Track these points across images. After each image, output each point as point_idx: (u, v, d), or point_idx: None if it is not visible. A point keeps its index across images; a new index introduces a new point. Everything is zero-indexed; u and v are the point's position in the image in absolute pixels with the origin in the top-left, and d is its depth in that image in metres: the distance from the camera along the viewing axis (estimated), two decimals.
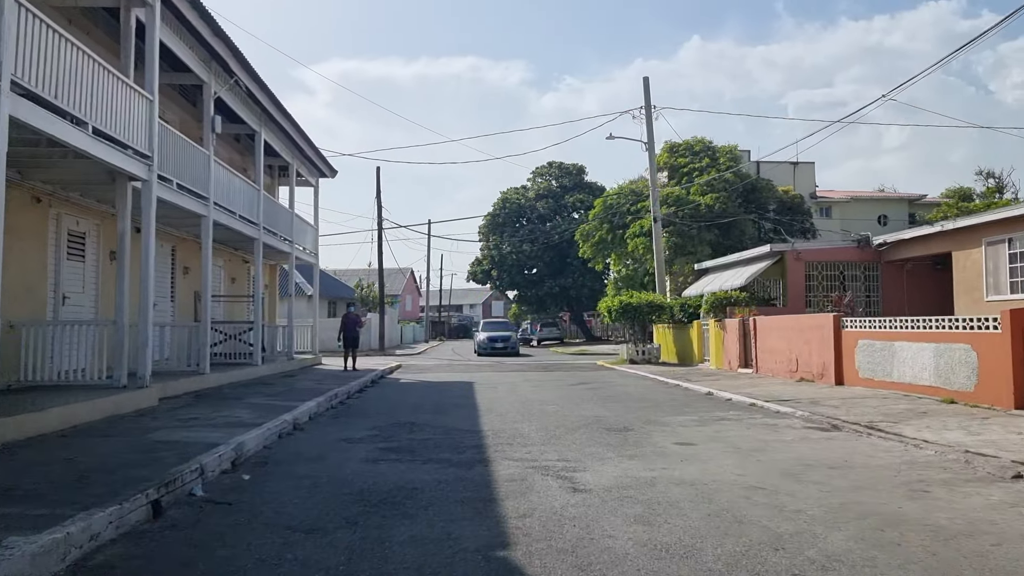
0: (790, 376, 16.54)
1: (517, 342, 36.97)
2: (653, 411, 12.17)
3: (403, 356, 35.59)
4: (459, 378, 20.82)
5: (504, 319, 45.44)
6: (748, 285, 21.86)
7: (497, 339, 35.75)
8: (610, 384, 17.91)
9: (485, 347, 35.50)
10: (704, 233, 34.18)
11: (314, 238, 25.42)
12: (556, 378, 20.10)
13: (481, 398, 14.80)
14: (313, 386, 15.66)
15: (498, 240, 53.11)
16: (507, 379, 20.02)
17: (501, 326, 39.36)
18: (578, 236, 40.68)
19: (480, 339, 36.55)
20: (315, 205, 25.89)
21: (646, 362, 25.42)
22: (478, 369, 24.93)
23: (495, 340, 35.63)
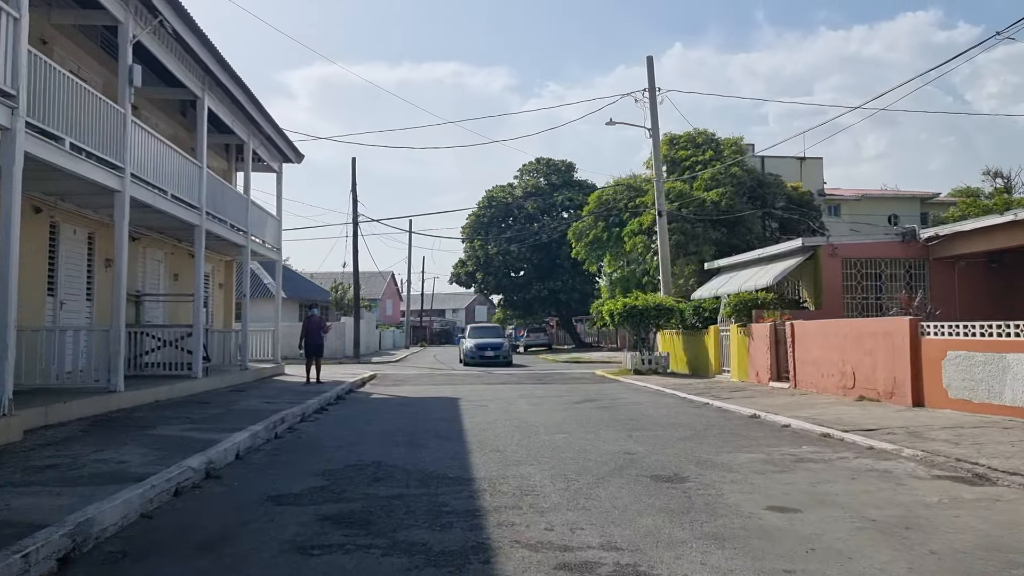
0: (843, 393, 13.66)
1: (510, 351, 32.60)
2: (697, 444, 9.21)
3: (380, 364, 32.46)
4: (442, 392, 17.79)
5: (494, 325, 39.58)
6: (774, 285, 19.01)
7: (487, 347, 31.32)
8: (623, 401, 14.95)
9: (473, 356, 31.04)
10: (709, 231, 31.40)
11: (276, 230, 22.31)
12: (556, 393, 17.13)
13: (470, 422, 11.79)
14: (259, 406, 12.56)
15: (483, 240, 50.12)
16: (499, 393, 17.03)
17: (491, 332, 34.46)
18: (570, 235, 37.79)
19: (468, 347, 31.90)
20: (278, 194, 22.81)
21: (652, 372, 22.52)
22: (464, 381, 21.89)
23: (484, 348, 31.24)
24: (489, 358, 30.70)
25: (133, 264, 16.09)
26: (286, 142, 21.72)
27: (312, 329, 18.40)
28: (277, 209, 22.72)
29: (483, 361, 30.54)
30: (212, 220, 15.95)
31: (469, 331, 34.45)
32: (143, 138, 12.60)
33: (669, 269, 26.59)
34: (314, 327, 18.43)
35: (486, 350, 31.02)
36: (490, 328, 36.08)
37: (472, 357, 31.01)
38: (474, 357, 30.94)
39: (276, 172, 22.60)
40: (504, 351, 31.43)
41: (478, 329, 35.11)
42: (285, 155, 22.25)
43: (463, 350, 32.36)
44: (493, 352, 31.01)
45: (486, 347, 31.20)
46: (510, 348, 32.99)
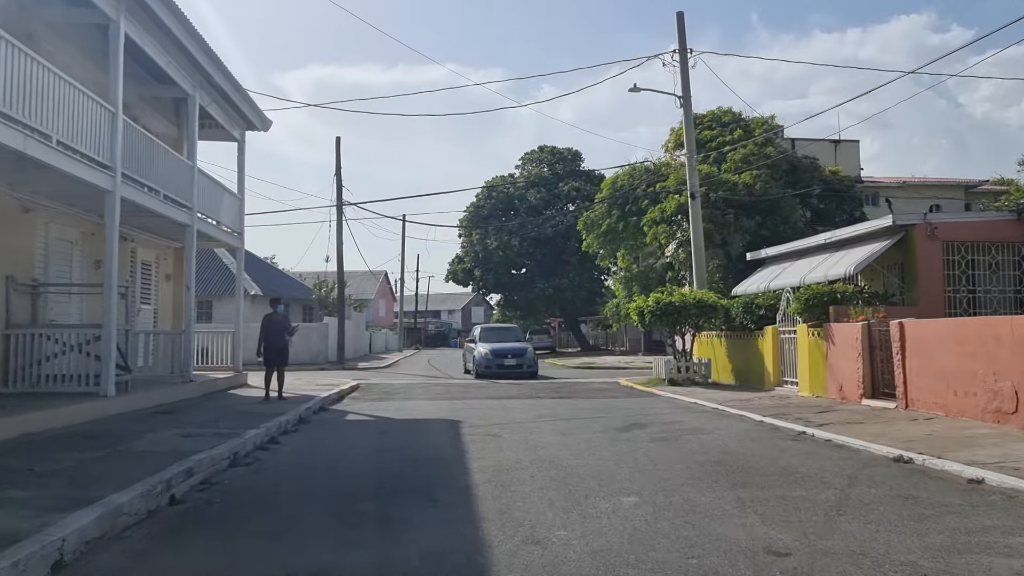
0: (997, 419, 9.82)
1: (535, 358, 25.01)
2: (875, 529, 5.36)
3: (366, 371, 28.55)
4: (437, 410, 13.92)
5: (510, 325, 31.54)
6: (853, 276, 15.20)
7: (507, 353, 24.04)
8: (681, 427, 11.10)
9: (488, 366, 23.67)
10: (742, 219, 27.57)
11: (237, 211, 18.40)
12: (586, 412, 13.27)
13: (478, 465, 7.94)
14: (171, 443, 8.66)
15: (482, 234, 46.22)
16: (511, 412, 13.18)
17: (509, 334, 27.01)
18: (581, 225, 33.93)
19: (481, 354, 24.13)
20: (239, 167, 18.87)
21: (690, 382, 18.71)
22: (464, 393, 18.00)
23: (503, 355, 23.94)
24: (510, 368, 23.59)
25: (25, 242, 12.20)
26: (248, 103, 17.83)
27: (273, 330, 14.50)
28: (239, 186, 18.81)
29: (502, 372, 23.50)
30: (133, 186, 12.05)
31: (481, 333, 26.55)
32: (16, 59, 8.73)
33: (703, 260, 22.75)
34: (276, 328, 14.53)
35: (506, 357, 23.85)
36: (507, 330, 28.42)
37: (487, 367, 23.65)
38: (489, 367, 23.60)
39: (237, 141, 18.69)
40: (528, 358, 24.24)
41: (492, 331, 27.55)
42: (248, 120, 18.36)
43: (474, 358, 24.41)
44: (515, 360, 23.82)
45: (506, 353, 24.00)
46: (535, 355, 25.33)
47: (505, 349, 24.18)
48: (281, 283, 39.18)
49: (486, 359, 23.81)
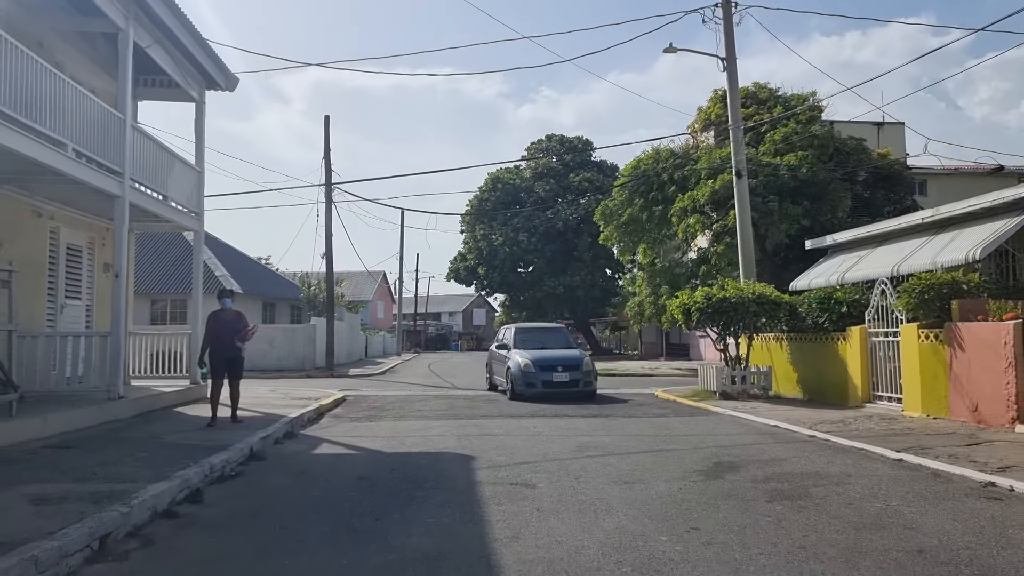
0: None
1: (593, 371, 17.07)
2: None
3: (358, 378, 25.14)
4: (440, 438, 10.51)
5: (554, 325, 22.72)
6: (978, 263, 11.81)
7: (555, 364, 16.49)
8: (796, 473, 7.68)
9: (531, 382, 16.27)
10: (786, 206, 24.14)
11: (193, 186, 15.01)
12: (641, 441, 9.87)
13: (512, 559, 4.56)
14: (16, 515, 5.27)
15: (486, 230, 42.79)
16: (538, 442, 9.80)
17: (554, 337, 18.84)
18: (598, 216, 30.49)
19: (520, 366, 16.55)
20: (198, 133, 15.44)
21: (748, 395, 15.36)
22: (471, 408, 14.58)
23: (551, 367, 16.39)
24: (562, 386, 16.18)
25: None
26: (207, 54, 14.46)
27: (222, 332, 11.00)
28: (197, 156, 15.40)
29: (551, 391, 16.10)
30: (13, 128, 8.63)
31: (516, 336, 18.21)
32: None
33: (752, 250, 19.42)
34: (225, 329, 11.03)
35: (555, 370, 16.29)
36: (550, 331, 19.77)
37: (529, 384, 16.20)
38: (532, 384, 16.17)
39: (195, 101, 15.30)
40: (586, 372, 16.56)
41: (532, 333, 18.88)
42: (207, 76, 14.97)
43: (509, 371, 16.85)
44: (568, 374, 16.30)
45: (554, 364, 16.43)
46: (592, 366, 17.34)
47: (553, 359, 16.61)
48: (266, 280, 35.78)
49: (528, 373, 16.23)
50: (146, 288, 29.07)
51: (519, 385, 16.35)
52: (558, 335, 19.26)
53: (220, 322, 10.96)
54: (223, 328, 10.86)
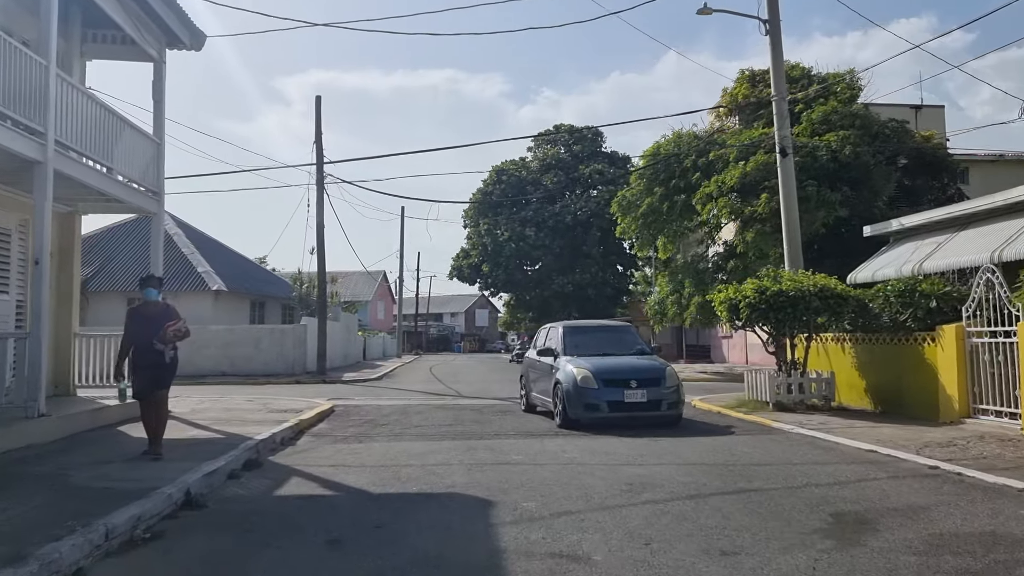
0: None
1: (679, 388, 11.81)
2: None
3: (352, 384, 22.77)
4: (446, 468, 8.14)
5: (617, 323, 17.24)
6: None
7: (627, 377, 11.46)
8: (968, 543, 5.29)
9: (594, 403, 11.25)
10: (824, 191, 21.74)
11: (150, 160, 12.62)
12: (711, 475, 7.45)
13: None
14: None
15: (491, 224, 40.40)
16: (577, 476, 7.46)
17: (617, 338, 13.53)
18: (614, 207, 28.09)
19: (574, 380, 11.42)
20: (157, 96, 13.03)
21: (807, 406, 13.02)
22: (481, 423, 12.18)
23: (621, 381, 11.39)
24: (637, 408, 11.31)
25: None
26: (167, 5, 12.12)
27: (142, 331, 8.28)
28: (156, 125, 13.01)
29: (621, 415, 11.30)
30: None
31: (565, 338, 12.98)
32: None
33: (798, 235, 17.00)
34: (148, 328, 8.25)
35: (626, 385, 11.33)
36: (613, 331, 14.39)
37: (590, 406, 11.27)
38: (594, 406, 11.26)
39: (154, 60, 12.92)
40: (669, 387, 11.57)
41: (587, 333, 13.65)
42: (169, 31, 12.61)
43: (559, 386, 11.73)
44: (644, 391, 11.31)
45: (625, 377, 11.47)
46: (678, 379, 12.09)
47: (622, 370, 11.59)
48: (255, 277, 33.41)
49: (587, 391, 11.22)
50: (122, 286, 26.74)
51: (575, 407, 11.14)
52: (624, 336, 13.53)
53: (141, 319, 8.29)
54: (145, 327, 8.19)
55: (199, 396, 16.61)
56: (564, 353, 12.34)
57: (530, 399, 13.71)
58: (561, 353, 12.37)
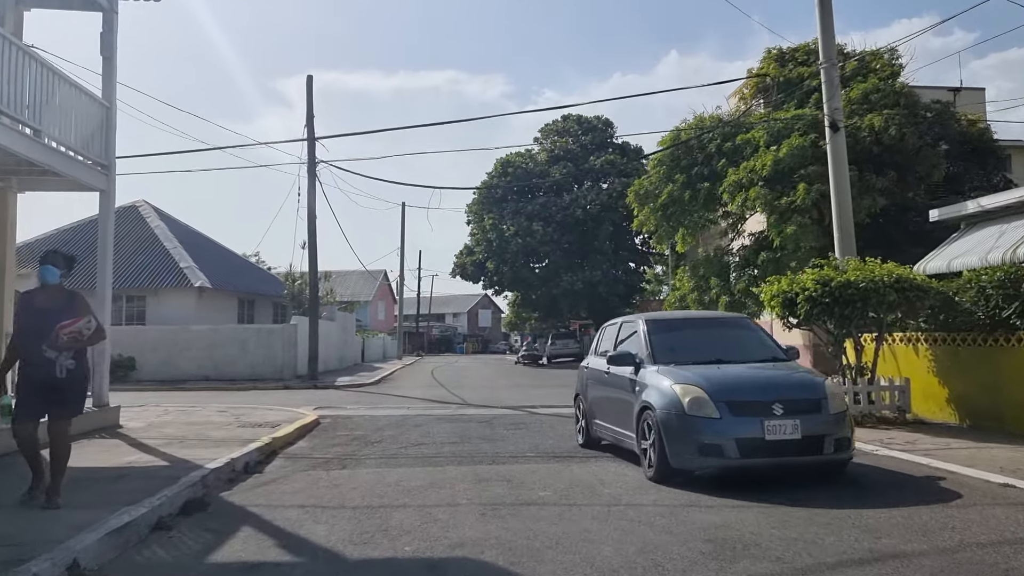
0: None
1: (845, 412, 7.30)
2: None
3: (345, 390, 20.73)
4: (449, 515, 6.07)
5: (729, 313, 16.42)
6: None
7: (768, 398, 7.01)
8: None
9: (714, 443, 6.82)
10: (868, 176, 19.67)
11: (97, 126, 10.59)
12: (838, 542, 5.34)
13: None
14: None
15: (496, 219, 38.33)
16: (634, 529, 5.34)
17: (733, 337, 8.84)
18: (631, 198, 26.02)
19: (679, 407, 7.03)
20: (106, 53, 10.98)
21: (877, 419, 11.01)
22: (492, 440, 10.12)
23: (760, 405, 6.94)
24: (786, 449, 6.83)
25: None
26: None
27: (32, 329, 5.87)
28: (105, 87, 10.97)
29: (760, 461, 6.89)
30: None
31: (651, 336, 8.36)
32: None
33: (851, 220, 15.00)
34: (36, 320, 5.86)
35: (768, 412, 6.84)
36: (721, 324, 9.92)
37: (708, 447, 6.85)
38: (715, 445, 6.83)
39: (102, 9, 10.89)
40: (833, 413, 7.11)
41: (682, 328, 9.24)
42: None
43: (650, 417, 7.31)
44: (796, 420, 6.82)
45: (764, 398, 7.02)
46: (844, 400, 7.92)
47: (756, 386, 7.47)
48: (244, 274, 31.37)
49: (702, 422, 6.92)
50: None
51: (681, 448, 6.97)
52: (742, 334, 8.90)
53: (32, 312, 5.99)
54: (36, 323, 5.82)
55: (169, 405, 14.64)
56: (653, 360, 7.90)
57: (592, 429, 9.27)
58: (647, 361, 7.96)
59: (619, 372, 8.41)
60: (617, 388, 8.53)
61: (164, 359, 22.56)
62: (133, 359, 22.25)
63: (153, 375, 22.27)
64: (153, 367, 22.43)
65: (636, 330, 8.72)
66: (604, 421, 8.94)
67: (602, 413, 9.06)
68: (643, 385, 7.75)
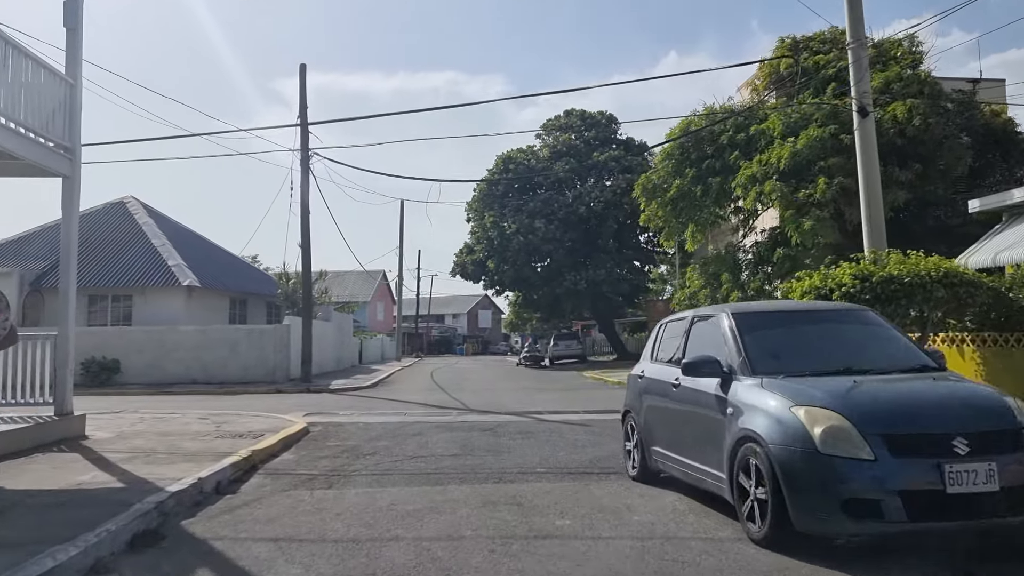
0: None
1: None
2: None
3: (339, 395, 19.69)
4: (452, 552, 5.03)
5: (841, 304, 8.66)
6: None
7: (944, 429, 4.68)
8: None
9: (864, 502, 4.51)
10: (892, 169, 18.66)
11: (59, 104, 9.55)
12: None
13: None
14: None
15: (496, 217, 37.30)
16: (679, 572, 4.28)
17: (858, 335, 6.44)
18: (638, 192, 25.02)
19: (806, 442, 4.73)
20: (69, 21, 9.95)
21: None
22: (495, 450, 9.10)
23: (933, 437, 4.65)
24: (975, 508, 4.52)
25: None
26: None
27: None
28: (68, 61, 9.92)
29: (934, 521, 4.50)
30: None
31: (743, 336, 6.00)
32: None
33: (882, 210, 14.01)
34: None
35: (947, 450, 4.57)
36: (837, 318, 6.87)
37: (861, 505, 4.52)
38: (871, 505, 4.50)
39: None
40: None
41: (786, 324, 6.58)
42: None
43: (768, 454, 4.90)
44: (988, 466, 4.52)
45: (940, 428, 4.69)
46: None
47: (924, 409, 4.97)
48: (235, 273, 30.31)
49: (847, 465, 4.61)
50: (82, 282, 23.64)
51: (813, 502, 4.72)
52: (870, 332, 6.49)
53: None
54: None
55: (149, 411, 13.61)
56: (750, 370, 5.64)
57: (651, 459, 7.01)
58: (740, 370, 5.72)
59: (697, 385, 6.07)
60: (693, 407, 6.18)
61: (150, 361, 21.51)
62: (118, 361, 21.21)
63: (139, 378, 21.23)
64: (139, 370, 21.39)
65: (717, 327, 6.31)
66: (671, 451, 6.58)
67: (667, 439, 6.72)
68: (739, 406, 5.39)
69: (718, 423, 5.65)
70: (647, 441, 7.12)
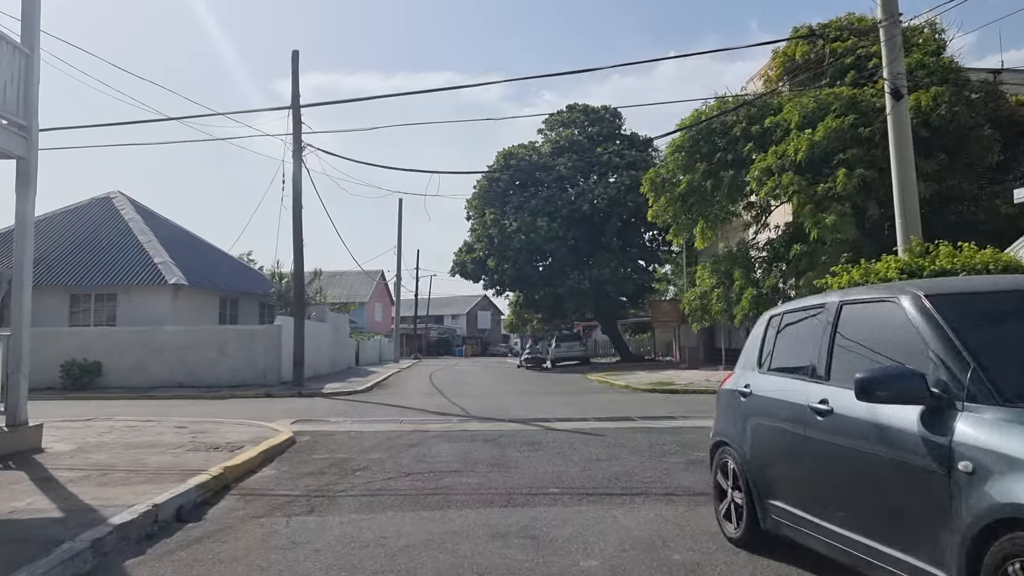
0: None
1: None
2: None
3: (332, 399, 18.63)
4: None
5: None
6: None
7: None
8: None
9: None
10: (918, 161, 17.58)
11: (11, 76, 8.50)
12: None
13: None
14: None
15: (497, 214, 36.24)
16: None
17: None
18: (646, 187, 24.02)
19: None
20: None
21: None
22: (501, 465, 8.06)
23: None
24: None
25: None
26: None
27: None
28: (24, 30, 8.90)
29: None
30: None
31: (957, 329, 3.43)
32: None
33: (916, 200, 13.02)
34: None
35: None
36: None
37: None
38: None
39: None
40: None
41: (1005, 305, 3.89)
42: None
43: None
44: None
45: None
46: None
47: None
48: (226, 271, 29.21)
49: None
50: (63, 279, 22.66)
51: None
52: None
53: None
54: None
55: (124, 417, 12.58)
56: (992, 394, 3.17)
57: (769, 516, 4.74)
58: (973, 392, 3.22)
59: (875, 416, 3.66)
60: (864, 450, 3.76)
61: (134, 364, 20.45)
62: (100, 364, 20.15)
63: (122, 381, 20.19)
64: (122, 372, 20.34)
65: (898, 318, 3.82)
66: (811, 513, 4.24)
67: (803, 493, 4.40)
68: (984, 459, 3.00)
69: (926, 483, 3.28)
70: (762, 490, 4.83)
